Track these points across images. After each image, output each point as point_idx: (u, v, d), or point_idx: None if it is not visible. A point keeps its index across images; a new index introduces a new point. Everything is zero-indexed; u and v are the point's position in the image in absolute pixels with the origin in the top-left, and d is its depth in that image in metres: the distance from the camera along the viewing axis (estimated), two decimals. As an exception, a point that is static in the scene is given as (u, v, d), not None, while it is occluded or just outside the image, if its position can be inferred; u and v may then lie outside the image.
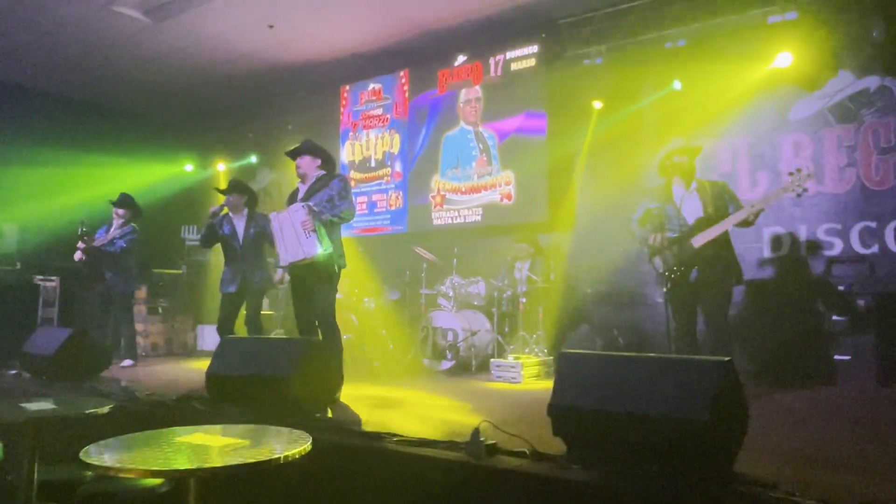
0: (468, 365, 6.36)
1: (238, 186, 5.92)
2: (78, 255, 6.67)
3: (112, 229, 6.91)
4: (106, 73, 9.01)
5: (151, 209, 7.89)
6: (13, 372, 5.51)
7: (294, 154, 4.90)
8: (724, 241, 4.71)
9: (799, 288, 5.91)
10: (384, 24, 7.65)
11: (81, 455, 1.99)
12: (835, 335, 5.43)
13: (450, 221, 8.11)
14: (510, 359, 5.91)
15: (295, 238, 4.52)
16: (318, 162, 4.88)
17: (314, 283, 4.68)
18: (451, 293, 6.82)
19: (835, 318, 5.47)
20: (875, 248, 5.78)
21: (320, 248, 4.47)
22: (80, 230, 6.64)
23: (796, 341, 5.75)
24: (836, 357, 5.36)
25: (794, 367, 5.67)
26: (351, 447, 3.11)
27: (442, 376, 6.22)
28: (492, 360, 6.04)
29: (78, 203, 9.16)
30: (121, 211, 6.91)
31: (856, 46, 5.91)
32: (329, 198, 4.69)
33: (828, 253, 5.93)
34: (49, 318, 8.27)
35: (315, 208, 4.54)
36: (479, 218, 7.88)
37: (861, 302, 5.41)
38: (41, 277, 8.35)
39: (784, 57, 5.92)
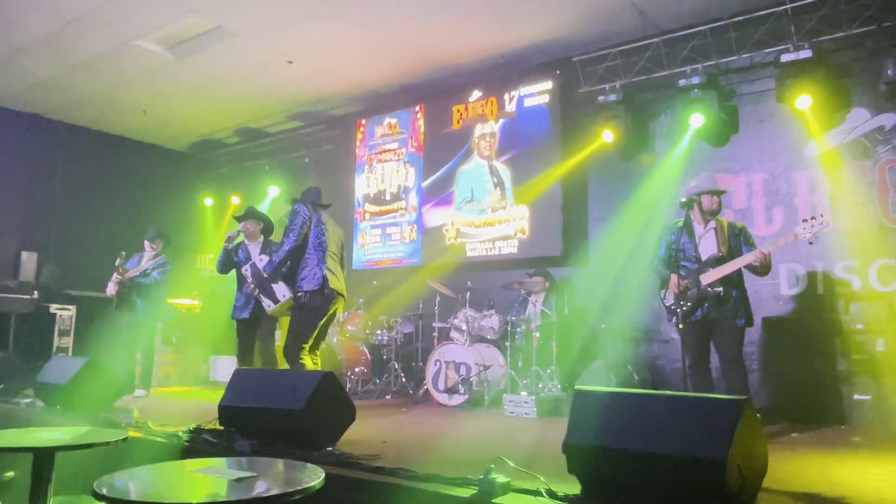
0: (481, 399, 6.30)
1: (254, 214, 6.01)
2: (111, 289, 6.72)
3: (144, 260, 6.96)
4: (127, 107, 9.20)
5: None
6: (27, 400, 5.52)
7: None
8: (735, 282, 4.67)
9: (817, 326, 5.84)
10: (401, 60, 7.78)
11: (94, 486, 1.99)
12: (854, 374, 5.34)
13: (465, 255, 8.12)
14: (523, 394, 5.86)
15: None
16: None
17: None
18: (464, 327, 6.79)
19: (854, 356, 5.39)
20: (894, 286, 5.71)
21: (273, 306, 5.40)
22: (117, 261, 6.70)
23: (815, 380, 5.66)
24: (856, 397, 5.28)
25: (812, 406, 5.57)
26: (363, 482, 3.08)
27: (454, 411, 6.16)
28: (505, 394, 5.99)
29: (94, 231, 9.32)
30: (154, 243, 6.98)
31: (870, 84, 5.93)
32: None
33: (846, 290, 5.87)
34: (64, 347, 8.31)
35: (264, 273, 5.31)
36: (493, 252, 7.89)
37: (880, 341, 5.34)
38: (57, 306, 8.41)
39: (798, 94, 5.94)
